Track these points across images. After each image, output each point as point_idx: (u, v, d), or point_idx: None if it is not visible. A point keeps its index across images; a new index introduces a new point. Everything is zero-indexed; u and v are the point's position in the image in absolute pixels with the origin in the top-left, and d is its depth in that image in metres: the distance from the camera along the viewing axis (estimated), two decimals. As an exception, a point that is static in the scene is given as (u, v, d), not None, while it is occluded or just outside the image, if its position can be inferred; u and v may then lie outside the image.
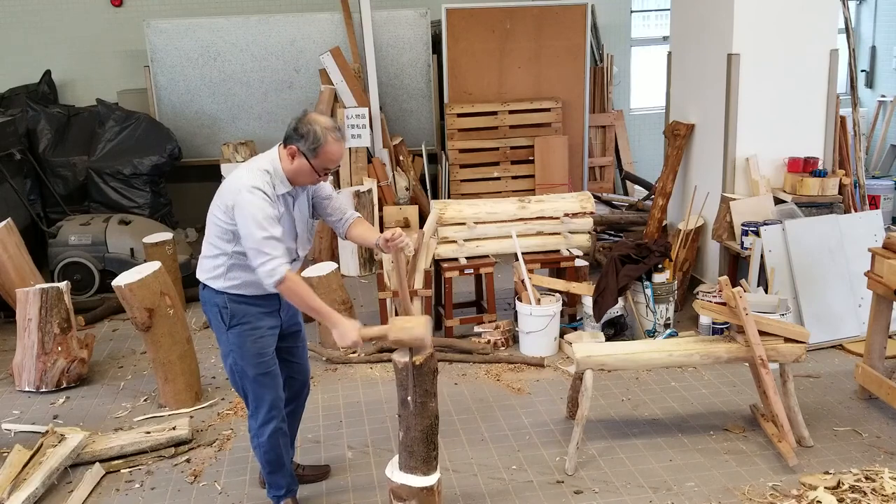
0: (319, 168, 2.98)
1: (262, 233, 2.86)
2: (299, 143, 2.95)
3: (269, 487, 3.34)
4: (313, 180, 3.05)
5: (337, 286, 5.08)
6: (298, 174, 3.00)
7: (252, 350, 3.10)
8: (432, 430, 2.93)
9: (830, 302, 4.78)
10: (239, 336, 3.09)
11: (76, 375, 4.68)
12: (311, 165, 2.97)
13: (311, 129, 2.94)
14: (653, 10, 9.15)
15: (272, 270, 2.86)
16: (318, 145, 2.93)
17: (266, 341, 3.14)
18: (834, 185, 5.09)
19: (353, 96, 7.18)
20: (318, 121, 2.97)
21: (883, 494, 3.19)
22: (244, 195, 2.90)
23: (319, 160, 2.96)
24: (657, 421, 4.04)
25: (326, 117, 3.04)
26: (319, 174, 3.00)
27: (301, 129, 2.95)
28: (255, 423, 3.20)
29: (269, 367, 3.16)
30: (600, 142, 8.25)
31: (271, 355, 3.17)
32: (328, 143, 2.94)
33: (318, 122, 2.96)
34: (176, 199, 7.47)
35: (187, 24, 7.47)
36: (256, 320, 3.11)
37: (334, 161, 3.00)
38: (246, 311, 3.08)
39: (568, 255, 5.22)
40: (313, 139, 2.93)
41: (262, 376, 3.14)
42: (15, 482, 3.48)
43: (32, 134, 6.96)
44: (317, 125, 2.95)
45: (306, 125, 2.95)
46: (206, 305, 3.14)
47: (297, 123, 2.97)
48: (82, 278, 6.08)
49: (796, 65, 5.17)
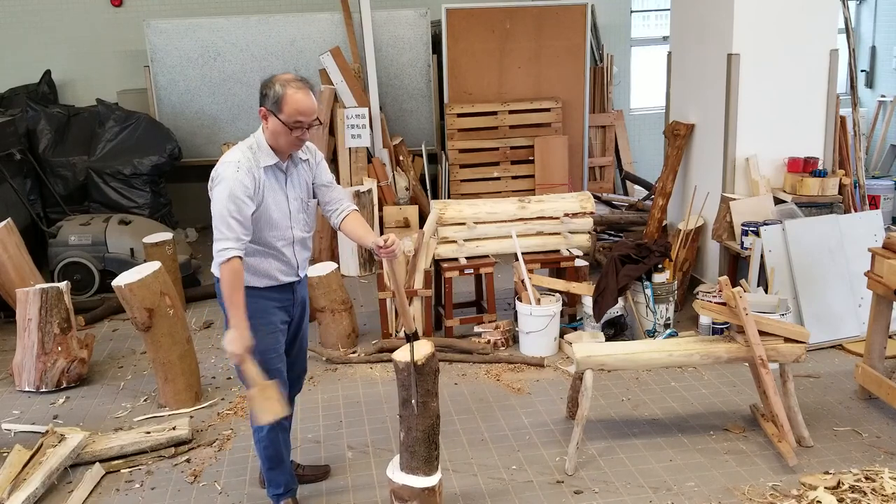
0: (289, 122, 2.94)
1: (225, 210, 2.89)
2: (266, 104, 2.97)
3: (269, 485, 3.34)
4: (292, 140, 3.00)
5: (337, 286, 5.08)
6: (276, 137, 3.00)
7: (262, 346, 3.07)
8: (434, 430, 2.93)
9: (830, 302, 4.78)
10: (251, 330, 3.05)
11: (76, 375, 4.68)
12: (281, 122, 2.95)
13: (272, 87, 2.96)
14: (653, 10, 9.15)
15: (223, 250, 2.88)
16: (278, 98, 2.93)
17: (277, 337, 3.14)
18: (834, 185, 5.09)
19: (353, 96, 7.18)
20: (278, 77, 2.99)
21: (883, 494, 3.19)
22: (219, 170, 2.96)
23: (286, 114, 2.93)
24: (657, 421, 4.04)
25: (290, 73, 3.05)
26: (292, 128, 2.97)
27: (264, 90, 2.99)
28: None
29: (276, 364, 3.16)
30: (600, 142, 8.25)
31: (279, 352, 3.17)
32: (287, 93, 2.93)
33: (279, 78, 2.98)
34: (176, 199, 7.47)
35: (187, 24, 7.47)
36: (270, 315, 3.11)
37: (301, 111, 2.95)
38: (259, 305, 3.07)
39: (568, 255, 5.22)
40: (273, 95, 2.94)
41: (268, 372, 3.10)
42: (15, 482, 3.48)
43: (32, 134, 6.96)
44: (277, 81, 2.97)
45: (268, 86, 2.98)
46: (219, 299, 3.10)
47: (262, 86, 3.01)
48: (82, 278, 6.08)
49: (796, 65, 5.17)
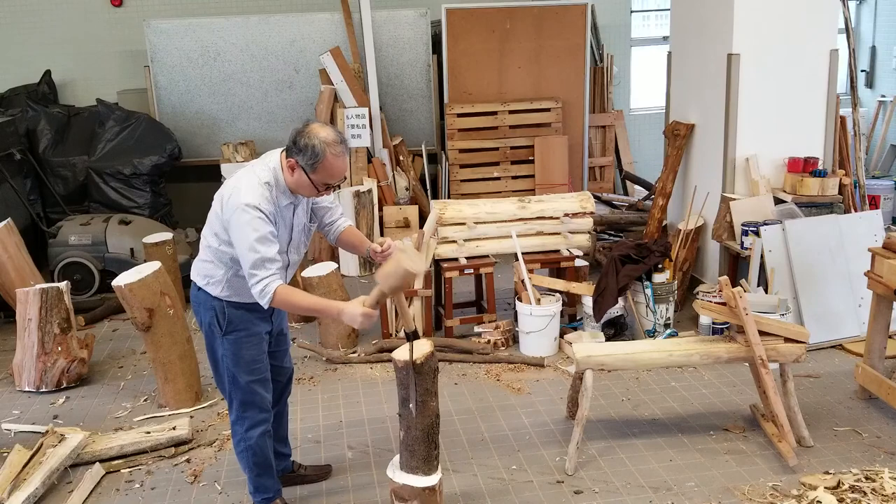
0: (319, 183, 2.87)
1: (255, 255, 2.79)
2: (298, 157, 2.83)
3: (257, 492, 3.27)
4: (314, 194, 2.94)
5: (337, 286, 5.08)
6: (299, 187, 2.91)
7: (247, 357, 3.07)
8: (433, 429, 2.93)
9: (830, 302, 4.78)
10: (234, 343, 3.06)
11: (76, 375, 4.68)
12: (310, 180, 2.86)
13: (310, 144, 2.80)
14: (653, 10, 9.14)
15: (263, 290, 2.81)
16: (316, 161, 2.80)
17: (262, 346, 3.12)
18: (834, 185, 5.08)
19: (353, 96, 7.18)
20: (317, 134, 2.81)
21: (883, 494, 3.19)
22: (239, 214, 2.81)
23: (318, 175, 2.84)
24: (657, 421, 4.04)
25: (329, 129, 2.86)
26: (319, 189, 2.90)
27: (300, 143, 2.82)
28: (242, 428, 3.16)
29: (262, 374, 3.14)
30: (600, 142, 8.25)
31: (264, 361, 3.15)
32: (327, 158, 2.80)
33: (318, 136, 2.80)
34: (176, 199, 7.46)
35: (187, 24, 7.47)
36: (253, 326, 3.08)
37: (334, 177, 2.87)
38: (242, 317, 3.05)
39: (568, 255, 5.22)
40: (311, 154, 2.79)
41: (253, 383, 3.11)
42: (15, 482, 3.48)
43: (32, 134, 6.96)
44: (316, 139, 2.80)
45: (305, 138, 2.81)
46: (201, 307, 3.09)
47: (297, 136, 2.84)
48: (82, 278, 6.07)
49: (796, 65, 5.17)
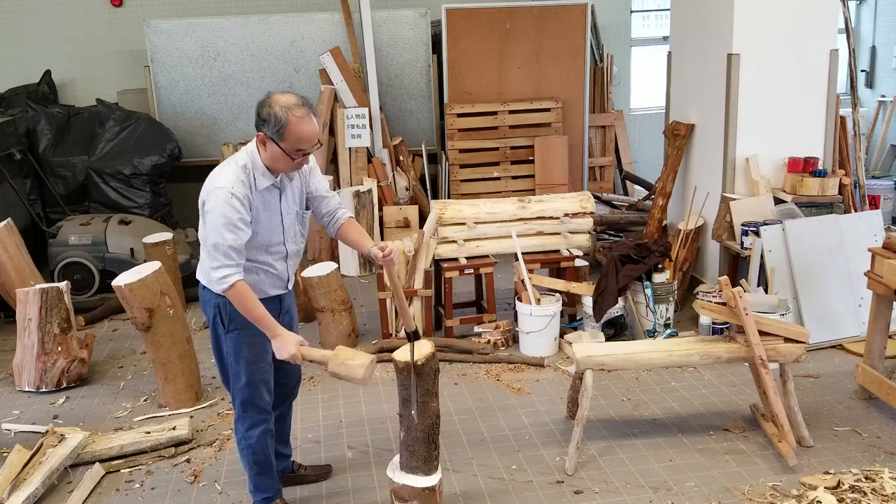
0: (291, 150, 2.80)
1: (221, 240, 2.78)
2: (265, 129, 2.79)
3: (256, 491, 3.27)
4: (292, 165, 2.88)
5: (337, 286, 5.08)
6: (275, 161, 2.86)
7: (249, 356, 3.07)
8: (434, 429, 2.93)
9: (830, 302, 4.78)
10: (237, 341, 3.05)
11: (76, 375, 4.68)
12: (281, 149, 2.80)
13: (272, 112, 2.76)
14: (653, 10, 9.14)
15: (224, 278, 2.81)
16: (280, 127, 2.75)
17: (265, 346, 3.10)
18: (834, 185, 5.09)
19: (353, 96, 7.18)
20: (278, 101, 2.78)
21: (883, 494, 3.19)
22: (212, 198, 2.81)
23: (287, 143, 2.78)
24: (657, 421, 4.04)
25: (290, 94, 2.81)
26: (293, 157, 2.83)
27: (263, 113, 2.79)
28: (243, 427, 3.16)
29: (264, 374, 3.13)
30: (600, 142, 8.25)
31: (268, 361, 3.13)
32: (291, 122, 2.75)
33: (278, 102, 2.77)
34: (176, 199, 7.46)
35: (187, 24, 7.47)
36: (254, 325, 3.08)
37: (304, 140, 2.79)
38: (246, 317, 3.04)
39: (568, 255, 5.22)
40: (275, 121, 2.76)
41: (255, 382, 3.10)
42: (15, 482, 3.48)
43: (32, 134, 6.96)
44: (276, 105, 2.76)
45: (266, 108, 2.78)
46: (206, 305, 3.10)
47: (259, 108, 2.81)
48: (82, 278, 6.08)
49: (796, 65, 5.17)
